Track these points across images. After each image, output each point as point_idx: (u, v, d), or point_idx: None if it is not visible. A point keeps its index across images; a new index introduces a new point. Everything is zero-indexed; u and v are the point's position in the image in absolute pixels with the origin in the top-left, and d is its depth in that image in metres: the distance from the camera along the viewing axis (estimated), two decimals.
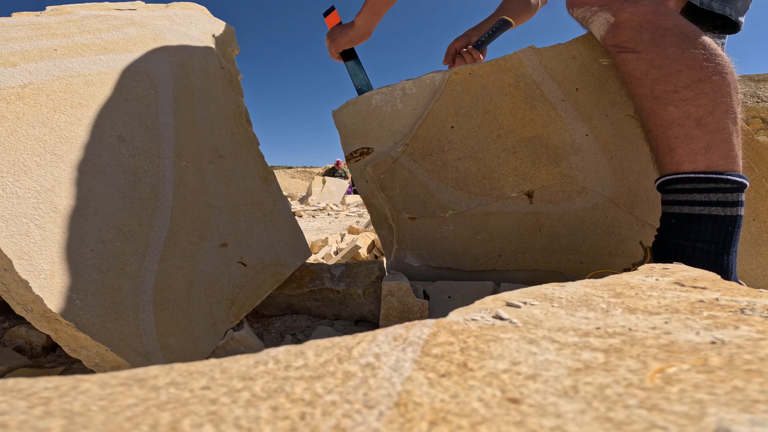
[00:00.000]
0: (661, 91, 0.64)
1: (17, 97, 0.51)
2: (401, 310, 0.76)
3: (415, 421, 0.16)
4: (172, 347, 0.55)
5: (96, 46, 0.65)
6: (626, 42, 0.68)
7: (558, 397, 0.17)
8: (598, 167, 0.82)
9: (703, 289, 0.32)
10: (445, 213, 0.90)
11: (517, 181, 0.86)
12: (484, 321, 0.26)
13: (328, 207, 4.53)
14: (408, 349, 0.22)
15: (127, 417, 0.15)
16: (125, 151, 0.61)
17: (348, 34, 1.10)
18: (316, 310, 0.88)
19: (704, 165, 0.62)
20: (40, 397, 0.17)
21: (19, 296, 0.46)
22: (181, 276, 0.61)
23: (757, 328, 0.24)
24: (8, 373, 0.59)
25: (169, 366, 0.20)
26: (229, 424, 0.15)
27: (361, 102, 0.91)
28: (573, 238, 0.86)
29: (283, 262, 0.83)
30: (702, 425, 0.15)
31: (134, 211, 0.59)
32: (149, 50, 0.74)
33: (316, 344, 0.22)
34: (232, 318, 0.67)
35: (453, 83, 0.86)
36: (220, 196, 0.75)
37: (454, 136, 0.87)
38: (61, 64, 0.59)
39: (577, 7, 0.74)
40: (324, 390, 0.18)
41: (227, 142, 0.83)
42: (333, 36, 1.13)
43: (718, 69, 0.62)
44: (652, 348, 0.22)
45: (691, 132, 0.62)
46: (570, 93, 0.82)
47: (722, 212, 0.60)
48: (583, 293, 0.32)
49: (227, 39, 1.00)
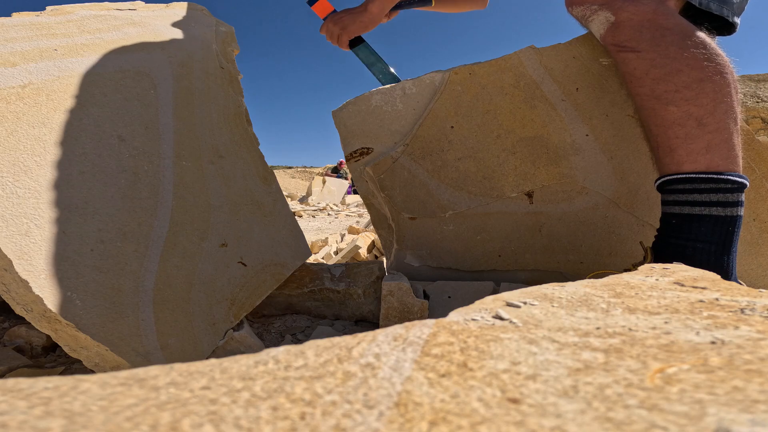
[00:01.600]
0: (662, 91, 0.64)
1: (17, 97, 0.51)
2: (401, 310, 0.76)
3: (415, 421, 0.16)
4: (172, 347, 0.55)
5: (96, 46, 0.65)
6: (626, 41, 0.67)
7: (558, 397, 0.17)
8: (598, 167, 0.82)
9: (703, 289, 0.32)
10: (445, 213, 0.90)
11: (517, 181, 0.86)
12: (484, 321, 0.26)
13: (328, 207, 4.53)
14: (408, 349, 0.22)
15: (127, 417, 0.15)
16: (125, 151, 0.61)
17: (361, 20, 1.02)
18: (316, 310, 0.88)
19: (705, 165, 0.62)
20: (40, 397, 0.17)
21: (19, 296, 0.46)
22: (181, 276, 0.61)
23: (757, 328, 0.24)
24: (8, 373, 0.59)
25: (169, 366, 0.20)
26: (229, 424, 0.15)
27: (360, 102, 0.91)
28: (573, 238, 0.86)
29: (283, 262, 0.83)
30: (702, 425, 0.15)
31: (134, 211, 0.59)
32: (149, 50, 0.74)
33: (316, 344, 0.22)
34: (232, 318, 0.67)
35: (453, 83, 0.86)
36: (220, 196, 0.75)
37: (454, 136, 0.87)
38: (61, 64, 0.59)
39: (577, 5, 0.73)
40: (324, 390, 0.18)
41: (227, 142, 0.83)
42: (341, 22, 1.04)
43: (718, 69, 0.62)
44: (652, 348, 0.22)
45: (691, 132, 0.62)
46: (570, 93, 0.82)
47: (722, 212, 0.60)
48: (583, 293, 0.32)
49: (227, 39, 1.00)
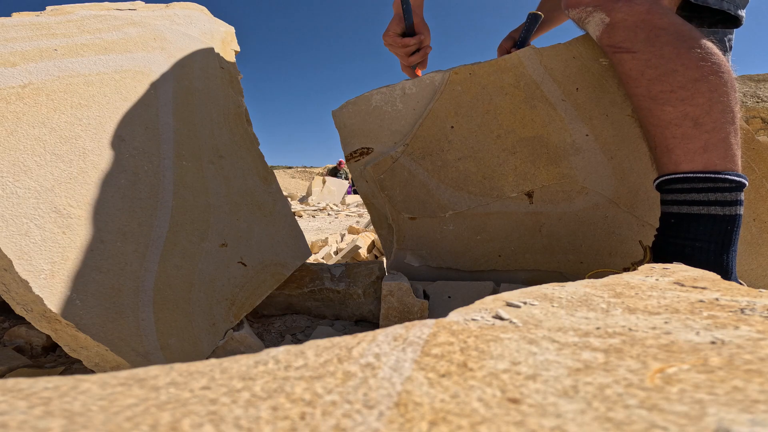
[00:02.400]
0: (658, 91, 0.64)
1: (17, 97, 0.51)
2: (401, 310, 0.76)
3: (415, 421, 0.16)
4: (172, 347, 0.55)
5: (96, 46, 0.65)
6: (622, 42, 0.67)
7: (558, 397, 0.17)
8: (598, 167, 0.82)
9: (703, 289, 0.32)
10: (445, 213, 0.90)
11: (517, 181, 0.86)
12: (484, 321, 0.26)
13: (328, 207, 4.53)
14: (408, 349, 0.22)
15: (127, 417, 0.15)
16: (125, 151, 0.61)
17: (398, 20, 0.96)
18: (316, 310, 0.88)
19: (702, 164, 0.62)
20: (40, 397, 0.17)
21: (19, 296, 0.46)
22: (181, 276, 0.61)
23: (757, 328, 0.24)
24: (8, 373, 0.59)
25: (169, 366, 0.20)
26: (229, 424, 0.15)
27: (360, 102, 0.91)
28: (573, 238, 0.86)
29: (283, 262, 0.83)
30: (702, 425, 0.15)
31: (134, 211, 0.59)
32: (149, 50, 0.74)
33: (316, 344, 0.22)
34: (232, 318, 0.67)
35: (453, 83, 0.86)
36: (220, 196, 0.75)
37: (454, 136, 0.87)
38: (61, 64, 0.59)
39: (573, 8, 0.73)
40: (324, 390, 0.18)
41: (227, 142, 0.83)
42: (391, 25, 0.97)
43: (714, 68, 0.62)
44: (652, 348, 0.22)
45: (688, 132, 0.62)
46: (570, 93, 0.82)
47: (721, 211, 0.60)
48: (583, 293, 0.32)
49: (227, 39, 1.00)
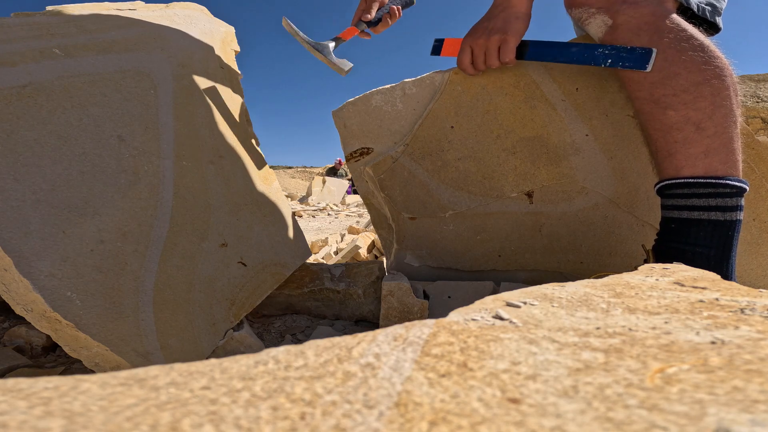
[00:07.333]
0: (660, 95, 0.64)
1: (17, 97, 0.51)
2: (401, 310, 0.76)
3: (415, 421, 0.16)
4: (172, 347, 0.55)
5: (96, 46, 0.65)
6: (624, 44, 0.67)
7: (558, 397, 0.17)
8: (598, 167, 0.82)
9: (703, 289, 0.32)
10: (445, 213, 0.90)
11: (517, 181, 0.86)
12: (484, 321, 0.26)
13: (328, 207, 4.53)
14: (408, 349, 0.22)
15: (127, 417, 0.15)
16: (125, 151, 0.61)
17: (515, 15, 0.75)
18: (316, 310, 0.88)
19: (703, 170, 0.61)
20: (40, 397, 0.17)
21: (19, 296, 0.46)
22: (181, 276, 0.61)
23: (757, 328, 0.24)
24: (8, 373, 0.59)
25: (169, 366, 0.20)
26: (229, 424, 0.15)
27: (360, 102, 0.91)
28: (573, 238, 0.86)
29: (283, 262, 0.83)
30: (702, 425, 0.15)
31: (134, 211, 0.59)
32: (149, 50, 0.74)
33: (316, 344, 0.22)
34: (232, 318, 0.67)
35: (453, 83, 0.86)
36: (220, 196, 0.75)
37: (454, 136, 0.87)
38: (61, 64, 0.59)
39: (575, 7, 0.73)
40: (324, 390, 0.18)
41: (227, 142, 0.83)
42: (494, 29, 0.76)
43: (716, 72, 0.61)
44: (652, 348, 0.22)
45: (690, 136, 0.62)
46: (570, 93, 0.82)
47: (722, 217, 0.60)
48: (583, 293, 0.32)
49: (227, 39, 1.00)
